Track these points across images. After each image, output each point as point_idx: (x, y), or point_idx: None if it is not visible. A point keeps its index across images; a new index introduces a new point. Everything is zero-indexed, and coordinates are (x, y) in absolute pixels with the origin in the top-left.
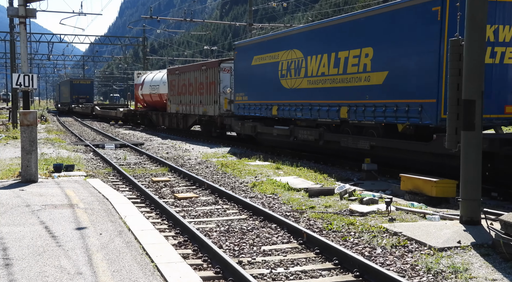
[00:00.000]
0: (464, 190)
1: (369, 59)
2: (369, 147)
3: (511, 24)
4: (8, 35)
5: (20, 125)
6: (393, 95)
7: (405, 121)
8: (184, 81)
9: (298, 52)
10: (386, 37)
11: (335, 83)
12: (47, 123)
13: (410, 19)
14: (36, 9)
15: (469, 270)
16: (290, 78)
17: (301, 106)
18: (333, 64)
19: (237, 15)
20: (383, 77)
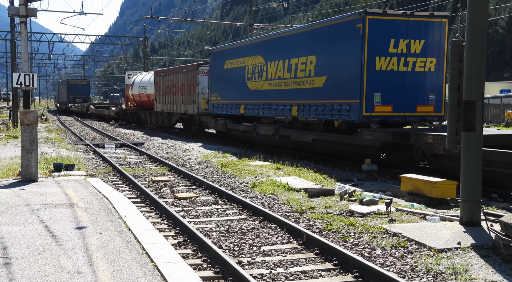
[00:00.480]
0: (464, 191)
1: (313, 65)
2: (312, 140)
3: (420, 39)
4: (8, 34)
5: (21, 124)
6: (330, 96)
7: (339, 118)
8: (168, 83)
9: (260, 58)
10: (325, 47)
11: (288, 85)
12: (48, 123)
13: (341, 33)
14: (37, 8)
15: (469, 271)
16: (254, 81)
17: (262, 106)
18: (287, 69)
19: (237, 15)
20: (323, 81)
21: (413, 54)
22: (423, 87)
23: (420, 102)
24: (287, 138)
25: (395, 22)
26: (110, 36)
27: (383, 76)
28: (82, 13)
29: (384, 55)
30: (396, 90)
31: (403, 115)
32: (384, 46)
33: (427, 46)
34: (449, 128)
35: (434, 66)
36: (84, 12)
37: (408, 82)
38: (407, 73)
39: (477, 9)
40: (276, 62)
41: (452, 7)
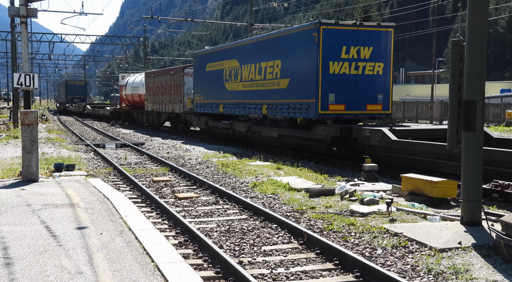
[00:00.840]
0: (465, 190)
1: (279, 69)
2: (278, 135)
3: (369, 46)
4: (9, 34)
5: (21, 124)
6: (293, 96)
7: (300, 115)
8: (158, 84)
9: (236, 62)
10: (288, 53)
11: (259, 86)
12: (48, 123)
13: (301, 40)
14: (37, 8)
15: (469, 271)
16: (231, 82)
17: (238, 105)
18: (258, 72)
19: (238, 15)
20: (287, 83)
21: (363, 59)
22: (372, 89)
23: (369, 102)
24: (258, 134)
25: (349, 31)
26: (111, 36)
27: (337, 79)
28: (82, 13)
29: (338, 60)
30: (348, 91)
31: (355, 113)
32: (338, 52)
33: (375, 51)
34: (449, 128)
35: (381, 70)
36: (85, 12)
37: (359, 84)
38: (358, 76)
39: (477, 8)
40: (249, 65)
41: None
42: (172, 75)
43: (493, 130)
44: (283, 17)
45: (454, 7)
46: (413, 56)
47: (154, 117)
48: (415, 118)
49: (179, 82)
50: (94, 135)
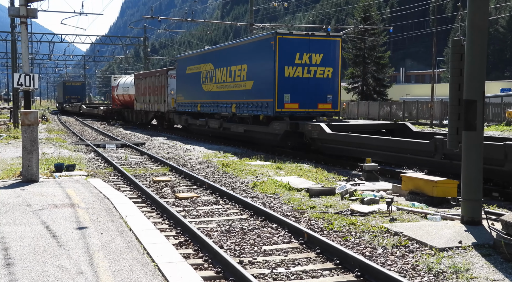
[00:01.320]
0: (465, 190)
1: (245, 72)
2: (243, 130)
3: (319, 53)
4: (9, 35)
5: (21, 125)
6: (256, 96)
7: (261, 113)
8: (145, 85)
9: (211, 65)
10: (252, 58)
11: (229, 88)
12: (48, 123)
13: (261, 48)
14: (37, 9)
15: (470, 270)
16: (207, 84)
17: (212, 104)
18: (228, 75)
19: (238, 15)
20: (251, 84)
21: (315, 64)
22: (323, 90)
23: (320, 101)
24: (228, 129)
25: (301, 40)
26: (111, 36)
27: (291, 81)
28: (82, 14)
29: (292, 65)
30: (301, 91)
31: (307, 111)
32: (292, 58)
33: (325, 58)
34: (449, 127)
35: (331, 73)
36: (85, 13)
37: (311, 86)
38: (310, 79)
39: (477, 8)
40: (222, 69)
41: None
42: (158, 77)
43: (494, 130)
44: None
45: (454, 6)
46: (413, 55)
47: (143, 116)
48: (415, 117)
49: (164, 84)
50: (95, 136)
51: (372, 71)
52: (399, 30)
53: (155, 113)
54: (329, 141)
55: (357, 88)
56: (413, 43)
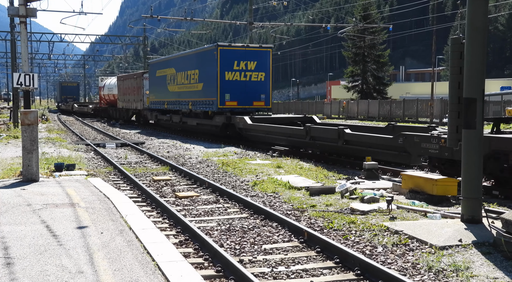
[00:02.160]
0: (465, 188)
1: (197, 76)
2: (196, 123)
3: (254, 61)
4: (8, 34)
5: (21, 124)
6: (205, 95)
7: (209, 109)
8: (126, 86)
9: (173, 70)
10: (202, 64)
11: (187, 88)
12: (48, 123)
13: (208, 56)
14: (37, 8)
15: (470, 269)
16: (171, 85)
17: (175, 102)
18: (186, 78)
19: (237, 14)
20: (202, 86)
21: (250, 70)
22: (257, 90)
23: (255, 99)
24: (185, 123)
25: (238, 50)
26: (110, 36)
27: (231, 83)
28: (82, 13)
29: (231, 70)
30: (239, 92)
31: (244, 108)
32: (230, 65)
33: (259, 64)
34: (449, 126)
35: (263, 77)
36: (84, 12)
37: (247, 87)
38: (246, 82)
39: (477, 6)
40: (181, 72)
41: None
42: (135, 79)
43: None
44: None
45: (453, 4)
46: (413, 54)
47: (124, 113)
48: (415, 116)
49: (140, 85)
50: (94, 135)
51: (372, 69)
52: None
53: (133, 111)
54: (250, 130)
55: (357, 86)
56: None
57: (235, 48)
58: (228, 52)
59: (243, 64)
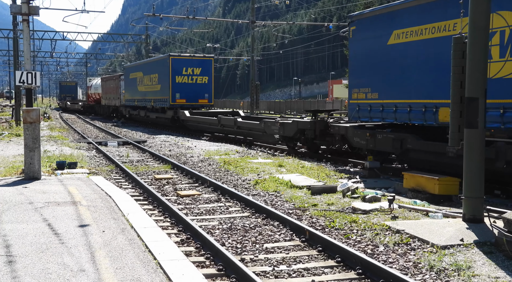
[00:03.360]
0: (467, 187)
1: (157, 79)
2: (155, 117)
3: (199, 67)
4: (11, 32)
5: (23, 122)
6: (162, 94)
7: (165, 105)
8: (107, 85)
9: (141, 73)
10: (159, 70)
11: (150, 89)
12: (50, 121)
13: (163, 63)
14: (39, 6)
15: (472, 268)
16: (140, 86)
17: (143, 100)
18: (149, 80)
19: (239, 13)
20: (160, 87)
21: (196, 74)
22: (202, 90)
23: (200, 98)
24: (148, 117)
25: (186, 59)
26: (113, 34)
27: (180, 85)
28: (84, 11)
29: (180, 75)
30: (187, 91)
31: (192, 104)
32: (180, 70)
33: (203, 70)
34: (451, 125)
35: (207, 80)
36: (87, 10)
37: (194, 88)
38: (193, 84)
39: (479, 5)
40: (147, 76)
41: None
42: (114, 80)
43: None
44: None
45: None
46: None
47: (106, 109)
48: None
49: (118, 85)
50: (96, 133)
51: None
52: None
53: (113, 107)
54: (188, 121)
55: None
56: None
57: (183, 57)
58: (178, 60)
59: (190, 70)
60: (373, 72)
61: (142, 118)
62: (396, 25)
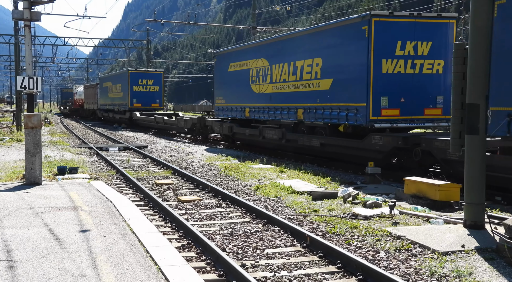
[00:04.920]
0: (468, 194)
1: (121, 88)
2: (119, 118)
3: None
4: (13, 38)
5: (25, 128)
6: (123, 101)
7: (124, 109)
8: (88, 92)
9: (110, 83)
10: (122, 81)
11: (116, 95)
12: (51, 126)
13: (124, 76)
14: (41, 12)
15: (473, 274)
16: (110, 93)
17: (112, 105)
18: (116, 89)
19: (240, 19)
20: (122, 94)
21: (149, 84)
22: (154, 97)
23: (153, 102)
24: (115, 118)
25: (141, 73)
26: (114, 40)
27: (137, 93)
28: (85, 17)
29: (136, 85)
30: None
31: (146, 107)
32: (137, 81)
33: (155, 82)
34: (452, 131)
35: (158, 89)
36: (88, 16)
37: (147, 95)
38: (147, 92)
39: (480, 11)
40: (114, 85)
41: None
42: (93, 88)
43: None
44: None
45: (457, 10)
46: None
47: (87, 112)
48: None
49: (95, 92)
50: (97, 139)
51: None
52: None
53: (92, 111)
54: (138, 120)
55: None
56: None
57: (139, 71)
58: (135, 74)
59: (145, 81)
60: (223, 87)
61: (111, 119)
62: (231, 60)
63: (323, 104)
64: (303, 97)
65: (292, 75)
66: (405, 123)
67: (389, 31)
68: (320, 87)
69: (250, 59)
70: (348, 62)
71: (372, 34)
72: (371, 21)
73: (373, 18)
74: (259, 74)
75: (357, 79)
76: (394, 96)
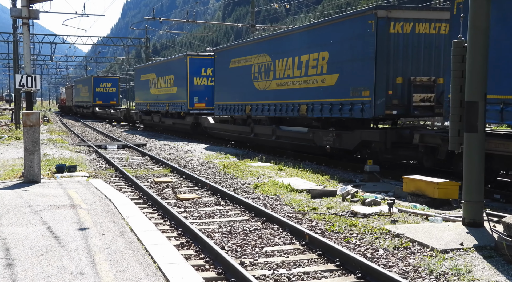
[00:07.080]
0: (467, 191)
1: (87, 90)
2: (85, 112)
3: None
4: (11, 36)
5: (23, 126)
6: (86, 101)
7: (89, 105)
8: (68, 92)
9: (81, 85)
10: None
11: (84, 95)
12: (50, 124)
13: (87, 82)
14: (39, 10)
15: (471, 272)
16: (82, 93)
17: (82, 102)
18: (84, 91)
19: (239, 17)
20: (88, 95)
21: (108, 87)
22: (111, 96)
23: (111, 100)
24: (83, 112)
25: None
26: (112, 38)
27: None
28: (84, 15)
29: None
30: (102, 96)
31: (106, 104)
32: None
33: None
34: (451, 129)
35: (115, 90)
36: (86, 14)
37: (107, 94)
38: (106, 92)
39: (479, 9)
40: (84, 87)
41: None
42: (70, 89)
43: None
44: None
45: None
46: None
47: (68, 109)
48: None
49: (71, 92)
50: (96, 137)
51: None
52: None
53: (70, 107)
54: (98, 113)
55: None
56: None
57: (100, 76)
58: (97, 79)
59: (105, 84)
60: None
61: (81, 113)
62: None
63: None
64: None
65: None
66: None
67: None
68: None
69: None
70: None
71: (92, 82)
72: (187, 58)
73: (188, 56)
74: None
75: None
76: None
